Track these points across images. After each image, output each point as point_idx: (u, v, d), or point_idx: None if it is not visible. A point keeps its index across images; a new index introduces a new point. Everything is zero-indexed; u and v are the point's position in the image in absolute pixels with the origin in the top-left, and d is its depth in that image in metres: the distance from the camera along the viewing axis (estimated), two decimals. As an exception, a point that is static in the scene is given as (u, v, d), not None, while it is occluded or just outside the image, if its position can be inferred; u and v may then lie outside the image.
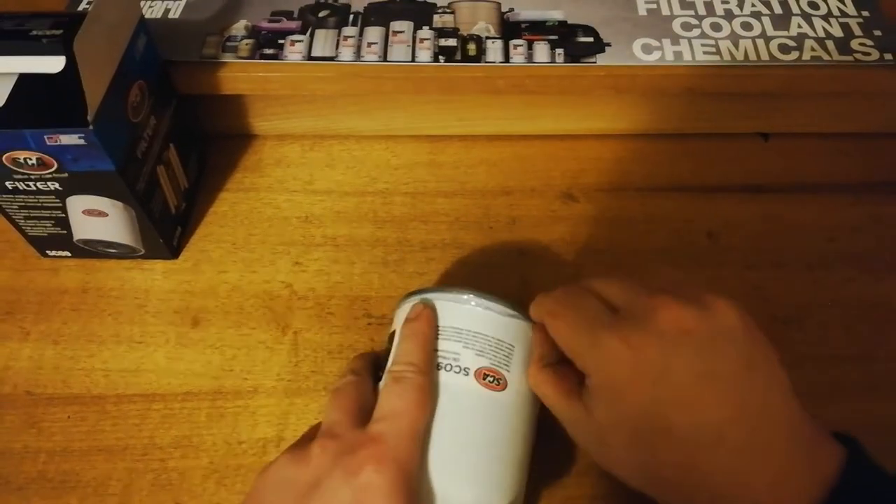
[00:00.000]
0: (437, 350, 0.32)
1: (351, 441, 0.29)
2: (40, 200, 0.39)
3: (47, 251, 0.45)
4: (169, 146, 0.44)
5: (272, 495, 0.29)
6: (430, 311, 0.33)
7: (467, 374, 0.31)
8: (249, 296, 0.44)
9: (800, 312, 0.43)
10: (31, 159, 0.36)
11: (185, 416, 0.39)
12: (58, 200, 0.39)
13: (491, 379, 0.32)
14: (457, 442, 0.31)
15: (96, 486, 0.37)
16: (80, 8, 0.50)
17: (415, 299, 0.34)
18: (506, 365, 0.32)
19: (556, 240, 0.46)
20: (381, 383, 0.32)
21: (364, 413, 0.31)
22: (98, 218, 0.41)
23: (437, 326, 0.33)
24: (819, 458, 0.27)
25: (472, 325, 0.32)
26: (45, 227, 0.42)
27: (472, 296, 0.33)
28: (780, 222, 0.47)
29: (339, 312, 0.43)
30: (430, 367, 0.32)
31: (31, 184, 0.38)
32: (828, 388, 0.40)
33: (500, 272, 0.45)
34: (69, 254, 0.45)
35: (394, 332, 0.34)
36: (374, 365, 0.35)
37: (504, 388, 0.32)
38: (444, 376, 0.32)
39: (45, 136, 0.35)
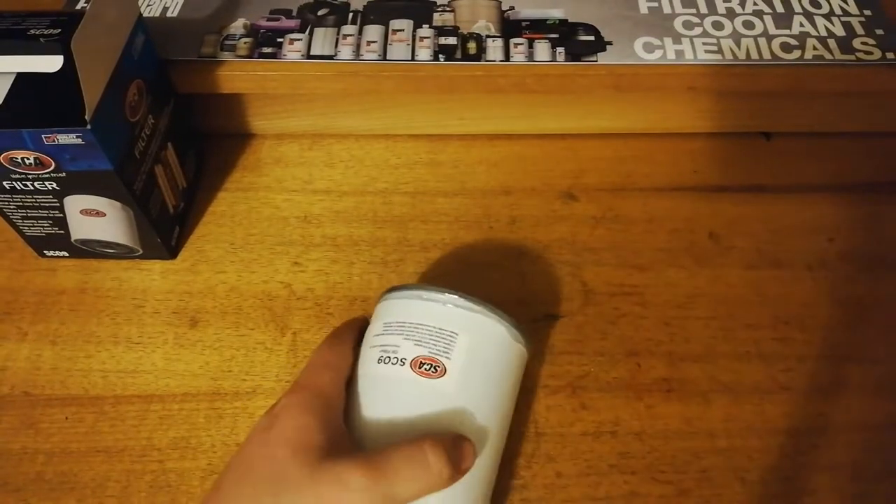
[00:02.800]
0: (381, 346, 0.33)
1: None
2: (38, 200, 0.39)
3: (45, 251, 0.44)
4: (167, 145, 0.44)
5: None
6: (357, 317, 0.38)
7: (403, 364, 0.32)
8: (248, 296, 0.43)
9: (800, 312, 0.43)
10: (28, 159, 0.36)
11: (184, 417, 0.39)
12: (55, 200, 0.39)
13: (427, 367, 0.32)
14: (395, 431, 0.31)
15: (94, 488, 0.37)
16: (78, 7, 0.49)
17: (381, 300, 0.36)
18: (446, 353, 0.32)
19: (556, 240, 0.46)
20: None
21: None
22: (96, 218, 0.41)
23: (383, 323, 0.34)
24: None
25: (413, 317, 0.33)
26: (43, 227, 0.42)
27: (420, 290, 0.34)
28: (780, 222, 0.47)
29: (338, 313, 0.43)
30: (343, 334, 0.35)
31: (28, 183, 0.38)
32: (828, 388, 0.40)
33: (500, 272, 0.45)
34: (67, 254, 0.44)
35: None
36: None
37: (442, 375, 0.32)
38: (381, 369, 0.32)
39: (43, 136, 0.35)
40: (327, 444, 0.29)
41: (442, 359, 0.32)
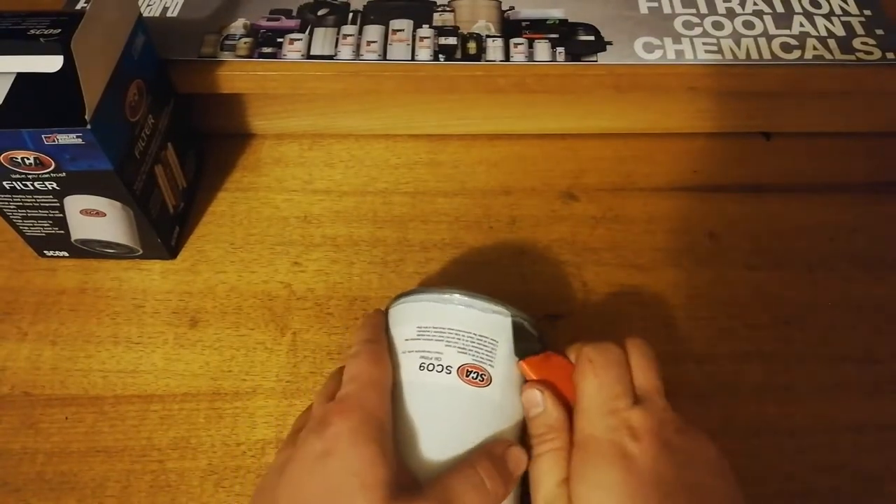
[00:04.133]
0: (420, 352, 0.32)
1: (323, 413, 0.30)
2: (38, 200, 0.39)
3: (45, 251, 0.44)
4: (167, 145, 0.44)
5: (264, 481, 0.31)
6: (379, 311, 0.36)
7: (450, 373, 0.31)
8: (248, 296, 0.43)
9: (801, 312, 0.43)
10: (28, 159, 0.36)
11: (184, 417, 0.39)
12: (55, 200, 0.39)
13: (475, 375, 0.31)
14: (443, 440, 0.30)
15: (94, 488, 0.37)
16: (78, 7, 0.49)
17: (401, 302, 0.34)
18: (489, 361, 0.32)
19: (556, 239, 0.46)
20: None
21: None
22: (96, 218, 0.40)
23: (416, 327, 0.33)
24: None
25: (454, 323, 0.32)
26: (43, 226, 0.42)
27: (454, 294, 0.33)
28: (781, 222, 0.47)
29: (338, 313, 0.43)
30: (379, 337, 0.33)
31: (28, 183, 0.38)
32: (829, 388, 0.40)
33: (500, 272, 0.45)
34: (67, 254, 0.44)
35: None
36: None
37: (488, 384, 0.31)
38: (427, 377, 0.31)
39: (43, 136, 0.35)
40: (393, 479, 0.27)
41: (486, 367, 0.31)
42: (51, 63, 0.36)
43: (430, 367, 0.31)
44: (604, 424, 0.30)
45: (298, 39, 0.47)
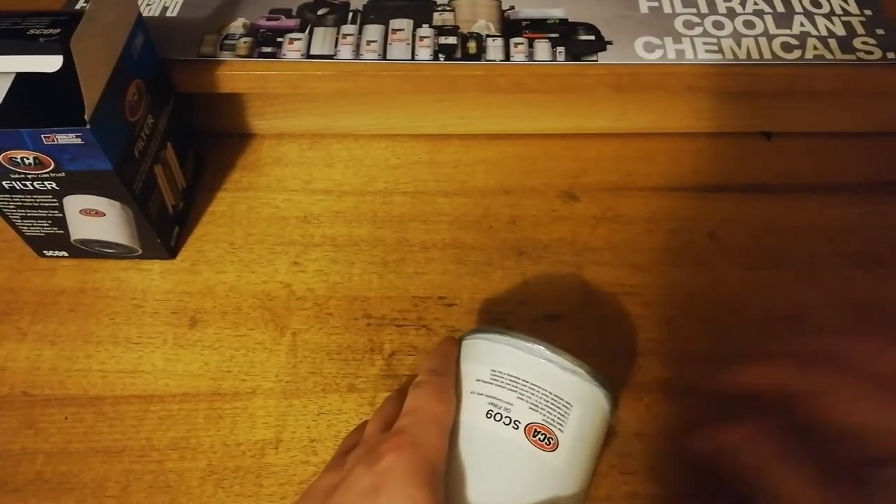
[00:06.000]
0: (490, 397, 0.30)
1: (376, 441, 0.29)
2: (37, 200, 0.39)
3: (44, 251, 0.44)
4: (166, 145, 0.44)
5: (306, 498, 0.30)
6: (452, 340, 0.34)
7: (517, 428, 0.29)
8: (247, 296, 0.43)
9: (800, 312, 0.43)
10: (28, 159, 0.36)
11: (183, 417, 0.39)
12: (55, 200, 0.39)
13: (542, 437, 0.29)
14: (495, 496, 0.29)
15: (94, 488, 0.37)
16: (78, 6, 0.49)
17: (479, 337, 0.33)
18: (560, 425, 0.30)
19: (556, 239, 0.46)
20: None
21: None
22: (95, 218, 0.40)
23: (491, 370, 0.31)
24: None
25: (531, 376, 0.30)
26: (42, 226, 0.42)
27: (537, 346, 0.31)
28: (781, 222, 0.47)
29: (338, 313, 0.43)
30: (448, 370, 0.32)
31: (28, 183, 0.38)
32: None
33: (500, 272, 0.44)
34: (66, 254, 0.44)
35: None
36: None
37: (554, 450, 0.29)
38: (492, 426, 0.29)
39: (42, 136, 0.35)
40: None
41: (555, 430, 0.30)
42: (50, 63, 0.36)
43: (498, 418, 0.30)
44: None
45: (298, 39, 0.47)
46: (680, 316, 0.42)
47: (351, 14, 0.49)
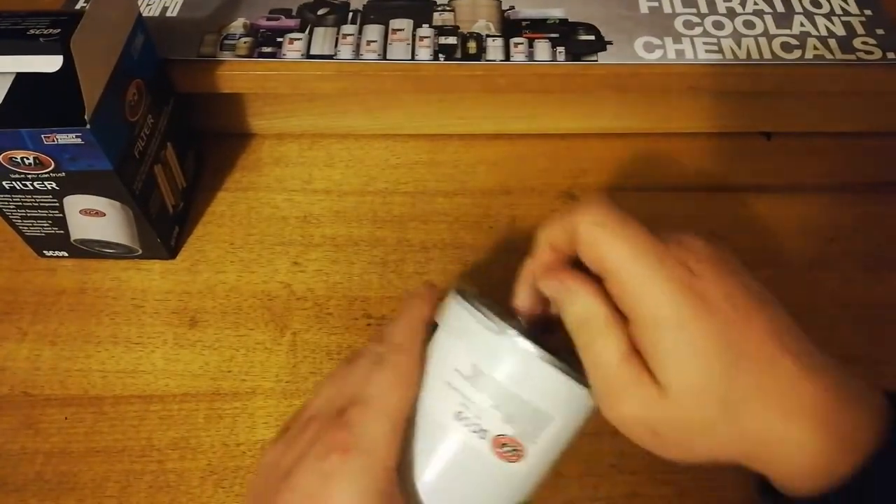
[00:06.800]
0: (464, 397, 0.28)
1: (327, 424, 0.28)
2: (37, 200, 0.39)
3: (44, 251, 0.44)
4: (167, 145, 0.44)
5: (261, 479, 0.30)
6: (432, 293, 0.31)
7: (483, 438, 0.28)
8: (247, 296, 0.43)
9: (801, 312, 0.42)
10: (28, 159, 0.36)
11: (183, 417, 0.39)
12: (55, 200, 0.39)
13: (508, 449, 0.28)
14: (447, 495, 0.29)
15: (94, 488, 0.37)
16: (78, 6, 0.49)
17: (466, 305, 0.29)
18: (533, 438, 0.28)
19: (556, 240, 0.46)
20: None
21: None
22: (95, 218, 0.40)
23: (473, 364, 0.28)
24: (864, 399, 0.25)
25: (516, 382, 0.27)
26: (43, 227, 0.42)
27: (532, 348, 0.27)
28: (781, 222, 0.47)
29: (338, 313, 0.43)
30: (413, 347, 0.29)
31: (28, 183, 0.38)
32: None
33: (501, 272, 0.44)
34: (66, 254, 0.44)
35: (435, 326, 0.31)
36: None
37: (519, 459, 0.28)
38: (457, 428, 0.28)
39: (43, 136, 0.35)
40: None
41: (527, 443, 0.28)
42: (50, 63, 0.36)
43: (467, 422, 0.28)
44: (660, 275, 0.25)
45: (298, 39, 0.47)
46: (680, 316, 0.42)
47: (351, 14, 0.49)
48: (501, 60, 0.46)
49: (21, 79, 0.36)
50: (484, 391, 0.28)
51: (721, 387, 0.24)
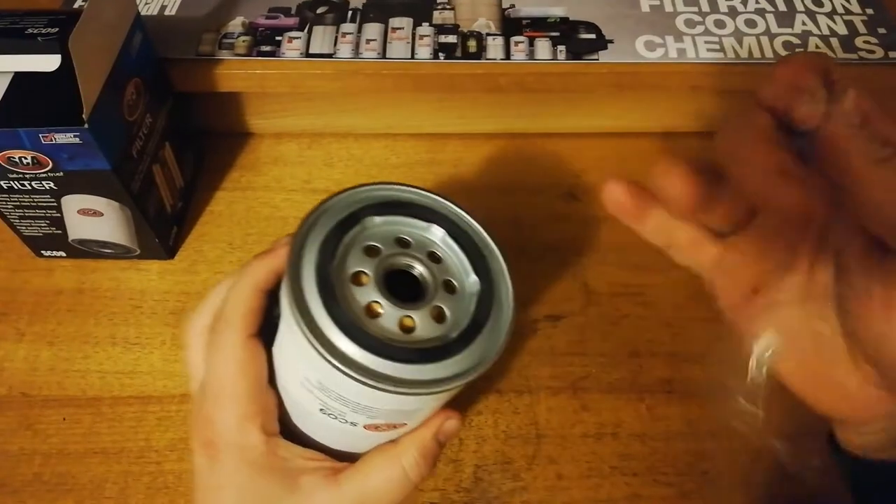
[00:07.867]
0: (321, 401, 0.27)
1: (198, 405, 0.31)
2: (35, 200, 0.39)
3: (42, 251, 0.44)
4: (165, 144, 0.44)
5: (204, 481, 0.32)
6: (274, 256, 0.28)
7: (355, 425, 0.28)
8: (247, 296, 0.43)
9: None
10: (25, 158, 0.36)
11: (182, 418, 0.39)
12: (53, 200, 0.39)
13: (383, 428, 0.28)
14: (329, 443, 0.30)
15: (92, 489, 0.37)
16: (76, 6, 0.49)
17: (288, 308, 0.25)
18: (404, 421, 0.28)
19: (557, 239, 0.46)
20: None
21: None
22: (93, 218, 0.40)
23: (319, 382, 0.26)
24: None
25: (362, 398, 0.25)
26: (40, 226, 0.41)
27: (362, 377, 0.24)
28: (783, 222, 0.47)
29: (337, 313, 0.42)
30: (233, 321, 0.28)
31: (25, 183, 0.38)
32: (831, 390, 0.40)
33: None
34: (64, 254, 0.44)
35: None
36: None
37: (397, 429, 0.29)
38: (328, 419, 0.28)
39: (41, 135, 0.34)
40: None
41: (399, 422, 0.28)
42: (48, 62, 0.36)
43: (333, 415, 0.27)
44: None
45: (297, 38, 0.47)
46: (681, 317, 0.42)
47: (350, 12, 0.49)
48: (502, 59, 0.46)
49: (19, 78, 0.36)
50: (337, 401, 0.26)
51: None
